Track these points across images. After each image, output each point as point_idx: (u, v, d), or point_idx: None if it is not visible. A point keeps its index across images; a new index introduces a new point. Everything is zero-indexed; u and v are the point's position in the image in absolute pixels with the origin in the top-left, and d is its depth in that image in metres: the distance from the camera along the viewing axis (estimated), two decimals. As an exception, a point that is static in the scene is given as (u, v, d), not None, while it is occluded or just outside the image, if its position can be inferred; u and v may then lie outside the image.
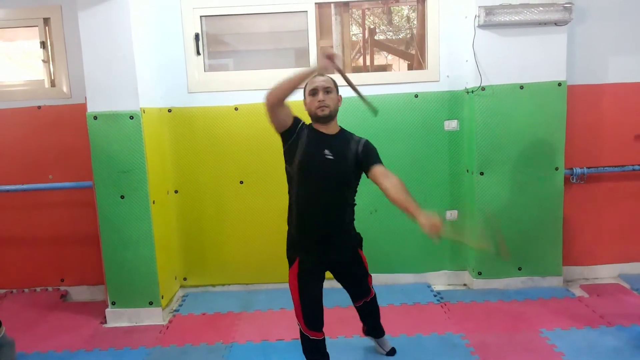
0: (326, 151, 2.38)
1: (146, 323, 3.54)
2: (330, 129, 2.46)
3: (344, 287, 2.72)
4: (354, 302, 2.79)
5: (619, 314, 3.36)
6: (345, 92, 2.60)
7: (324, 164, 2.38)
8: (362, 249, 2.68)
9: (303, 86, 2.46)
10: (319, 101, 2.38)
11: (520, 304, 3.59)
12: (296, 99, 3.67)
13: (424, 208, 3.96)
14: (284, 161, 2.51)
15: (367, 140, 2.51)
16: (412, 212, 2.15)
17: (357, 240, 2.66)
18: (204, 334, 3.35)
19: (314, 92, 2.41)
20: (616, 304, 3.55)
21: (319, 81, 2.42)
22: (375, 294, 2.81)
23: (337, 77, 2.53)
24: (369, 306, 2.80)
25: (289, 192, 2.52)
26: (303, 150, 2.38)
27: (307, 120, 2.54)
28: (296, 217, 2.46)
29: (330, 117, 2.43)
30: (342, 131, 2.53)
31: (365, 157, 2.43)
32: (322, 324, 2.50)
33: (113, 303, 3.56)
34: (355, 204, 2.60)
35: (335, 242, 2.52)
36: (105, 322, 3.58)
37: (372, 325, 2.87)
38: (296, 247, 2.50)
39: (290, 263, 2.50)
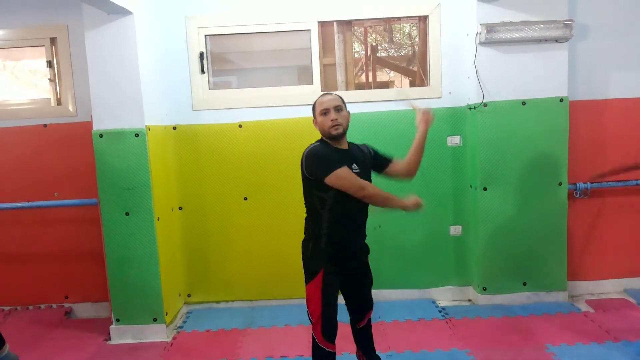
0: (354, 165, 2.47)
1: (150, 340, 3.53)
2: (344, 144, 2.55)
3: (353, 301, 2.72)
4: (359, 322, 2.75)
5: (625, 329, 3.34)
6: (358, 107, 2.62)
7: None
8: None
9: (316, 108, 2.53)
10: (332, 120, 2.44)
11: (526, 319, 3.57)
12: (302, 116, 3.76)
13: (427, 223, 3.99)
14: (288, 177, 2.57)
15: (366, 144, 2.72)
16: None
17: (368, 248, 2.73)
18: (208, 351, 3.34)
19: (325, 112, 2.46)
20: (622, 319, 3.54)
21: (329, 100, 2.48)
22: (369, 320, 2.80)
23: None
24: (369, 328, 2.78)
25: (312, 213, 2.54)
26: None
27: (316, 136, 2.57)
28: (327, 234, 2.49)
29: (344, 134, 2.51)
30: (351, 143, 2.62)
31: (378, 157, 2.68)
32: (336, 337, 2.52)
33: (117, 320, 3.56)
34: None
35: (360, 251, 2.66)
36: (110, 339, 3.57)
37: (369, 351, 2.84)
38: (322, 258, 2.51)
39: (314, 275, 2.50)
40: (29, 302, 4.11)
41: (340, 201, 2.43)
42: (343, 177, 2.36)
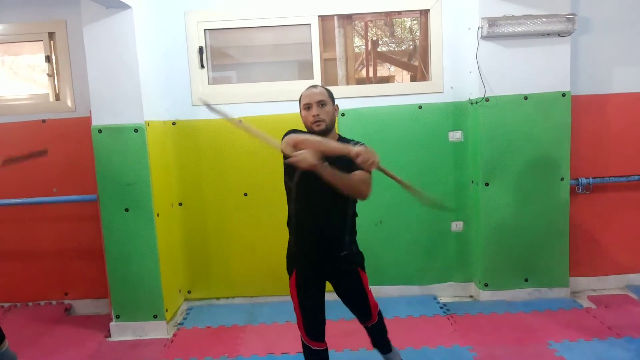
0: (325, 163, 2.26)
1: (150, 337, 3.52)
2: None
3: (346, 305, 2.64)
4: (360, 322, 2.71)
5: (627, 325, 3.33)
6: (345, 103, 2.59)
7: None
8: (364, 269, 2.58)
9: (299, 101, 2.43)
10: (314, 116, 2.32)
11: (528, 315, 3.56)
12: (293, 111, 3.72)
13: (429, 219, 3.97)
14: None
15: (362, 144, 2.28)
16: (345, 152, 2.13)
17: (358, 258, 2.55)
18: (208, 348, 3.33)
19: (308, 107, 2.35)
20: (624, 315, 3.52)
21: (312, 94, 2.36)
22: (378, 320, 2.68)
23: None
24: (371, 331, 2.69)
25: (288, 205, 2.47)
26: None
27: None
28: (295, 229, 2.44)
29: (327, 131, 2.35)
30: (340, 140, 2.44)
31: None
32: (323, 335, 2.46)
33: (117, 316, 3.54)
34: (357, 215, 2.52)
35: (334, 254, 2.45)
36: (110, 336, 3.56)
37: (380, 342, 2.81)
38: (294, 259, 2.47)
39: (289, 274, 2.48)
40: (29, 298, 4.09)
41: (304, 188, 2.31)
42: (286, 138, 2.20)
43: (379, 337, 2.74)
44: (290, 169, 2.33)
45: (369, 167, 2.13)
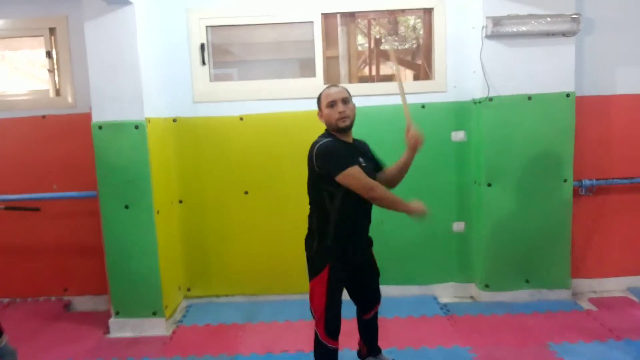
0: (360, 159, 2.46)
1: (149, 334, 3.51)
2: (350, 138, 2.53)
3: (359, 294, 2.75)
4: (365, 314, 2.77)
5: (627, 328, 3.32)
6: (361, 101, 2.58)
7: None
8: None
9: (323, 101, 2.50)
10: (340, 112, 2.42)
11: (528, 317, 3.55)
12: (304, 109, 3.71)
13: (430, 219, 3.96)
14: (288, 171, 2.57)
15: (366, 143, 2.71)
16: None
17: (371, 240, 2.74)
18: (207, 345, 3.33)
19: (332, 104, 2.44)
20: (625, 317, 3.51)
21: (336, 92, 2.46)
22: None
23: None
24: (375, 320, 2.80)
25: (318, 209, 2.50)
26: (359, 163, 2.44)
27: (317, 129, 2.54)
28: (335, 227, 2.47)
29: (351, 127, 2.49)
30: (354, 138, 2.61)
31: (377, 158, 2.68)
32: (339, 333, 2.51)
33: (117, 313, 3.54)
34: None
35: (366, 245, 2.68)
36: (109, 333, 3.56)
37: (371, 342, 2.84)
38: (328, 254, 2.49)
39: (319, 271, 2.47)
40: (28, 294, 4.09)
41: (349, 196, 2.40)
42: (354, 176, 2.33)
43: (375, 330, 2.83)
44: (332, 178, 2.38)
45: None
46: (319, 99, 2.52)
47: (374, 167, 2.59)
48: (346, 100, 2.45)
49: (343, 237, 2.49)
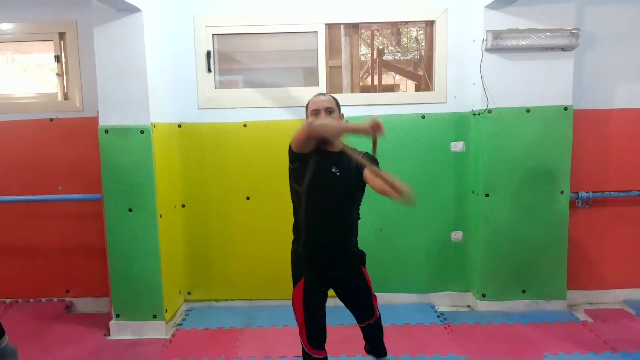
0: (334, 168, 2.41)
1: (149, 336, 3.54)
2: (335, 147, 2.47)
3: (348, 307, 2.71)
4: (358, 322, 2.77)
5: (623, 340, 3.34)
6: (350, 111, 2.63)
7: (332, 181, 2.40)
8: (365, 266, 2.67)
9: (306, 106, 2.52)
10: None
11: (524, 327, 3.58)
12: (297, 117, 3.77)
13: (429, 228, 4.00)
14: (289, 180, 2.54)
15: (367, 153, 2.48)
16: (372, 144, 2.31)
17: (361, 257, 2.65)
18: (206, 349, 3.35)
19: (316, 113, 2.43)
20: (621, 329, 3.53)
21: (321, 100, 2.45)
22: (379, 316, 2.78)
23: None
24: (373, 328, 2.76)
25: (294, 211, 2.54)
26: (313, 169, 2.40)
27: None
28: (304, 234, 2.48)
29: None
30: (349, 148, 2.49)
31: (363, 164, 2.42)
32: (324, 342, 2.50)
33: (117, 315, 3.57)
34: (359, 218, 2.59)
35: (341, 258, 2.53)
36: (109, 335, 3.59)
37: (375, 346, 2.86)
38: (302, 264, 2.51)
39: (296, 281, 2.51)
40: (31, 295, 4.13)
41: (314, 193, 2.38)
42: (296, 131, 2.28)
43: (377, 337, 2.80)
44: (298, 173, 2.41)
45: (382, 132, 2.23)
46: (306, 106, 2.52)
47: (353, 177, 2.41)
48: (330, 110, 2.42)
49: (314, 248, 2.47)
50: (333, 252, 2.50)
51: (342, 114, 2.54)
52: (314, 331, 2.45)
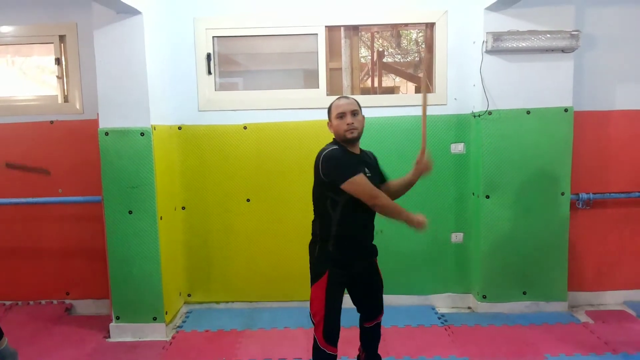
0: (366, 169, 2.52)
1: (149, 338, 3.54)
2: (357, 149, 2.59)
3: (360, 305, 2.77)
4: (367, 322, 2.79)
5: (624, 341, 3.34)
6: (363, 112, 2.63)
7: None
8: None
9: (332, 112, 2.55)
10: (348, 124, 2.47)
11: (525, 328, 3.57)
12: (307, 119, 3.78)
13: (429, 230, 4.00)
14: (290, 180, 2.64)
15: (372, 153, 2.76)
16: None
17: (375, 249, 2.77)
18: (206, 351, 3.35)
19: (341, 116, 2.48)
20: (622, 331, 3.53)
21: (345, 104, 2.50)
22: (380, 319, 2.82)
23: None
24: (377, 328, 2.80)
25: (322, 215, 2.56)
26: (365, 173, 2.49)
27: (320, 138, 2.62)
28: (336, 233, 2.52)
29: (359, 138, 2.54)
30: (361, 149, 2.65)
31: (382, 171, 2.72)
32: (337, 340, 2.52)
33: (117, 318, 3.57)
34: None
35: (367, 252, 2.69)
36: (109, 337, 3.58)
37: (372, 353, 2.86)
38: (328, 260, 2.53)
39: (319, 276, 2.52)
40: (30, 297, 4.12)
41: (352, 204, 2.45)
42: (359, 183, 2.40)
43: (377, 339, 2.83)
44: (336, 186, 2.45)
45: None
46: (329, 110, 2.57)
47: (379, 178, 2.64)
48: (355, 113, 2.49)
49: (344, 244, 2.53)
50: (364, 249, 2.67)
51: (364, 117, 2.58)
52: (331, 325, 2.49)
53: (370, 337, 2.83)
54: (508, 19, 3.60)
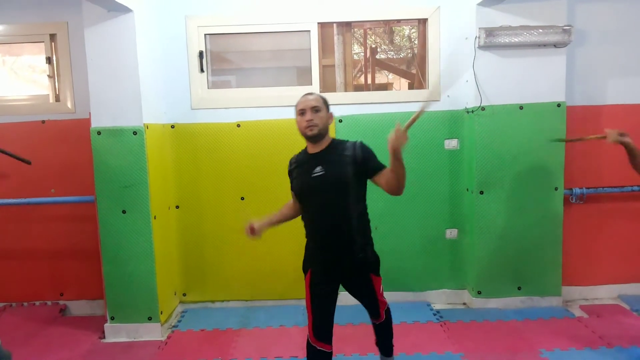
0: (317, 168, 2.45)
1: (145, 338, 3.53)
2: (321, 146, 2.50)
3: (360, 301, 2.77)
4: (371, 318, 2.80)
5: (618, 335, 3.35)
6: (343, 110, 2.63)
7: (313, 183, 2.45)
8: (378, 274, 2.65)
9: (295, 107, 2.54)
10: (307, 120, 2.42)
11: (520, 323, 3.59)
12: (291, 117, 3.76)
13: (424, 226, 4.01)
14: (285, 177, 2.77)
15: (361, 143, 2.50)
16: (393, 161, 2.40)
17: (372, 261, 2.61)
18: (202, 351, 3.34)
19: (302, 112, 2.45)
20: (616, 325, 3.55)
21: (307, 100, 2.47)
22: (386, 319, 2.76)
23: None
24: (379, 329, 2.80)
25: (302, 215, 2.65)
26: (296, 179, 2.58)
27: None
28: (310, 234, 2.60)
29: (320, 136, 2.46)
30: (333, 142, 2.54)
31: (367, 164, 2.46)
32: (329, 336, 2.50)
33: (112, 318, 3.56)
34: (365, 214, 2.60)
35: (345, 259, 2.50)
36: (104, 337, 3.57)
37: (382, 343, 2.87)
38: (310, 258, 2.58)
39: (304, 274, 2.57)
40: (24, 298, 4.10)
41: (304, 198, 2.56)
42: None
43: (384, 337, 2.82)
44: (293, 183, 2.59)
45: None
46: (295, 107, 2.52)
47: (366, 172, 2.45)
48: (317, 109, 2.43)
49: (314, 240, 2.57)
50: (335, 250, 2.49)
51: (331, 113, 2.54)
52: (318, 324, 2.48)
53: (377, 333, 2.82)
54: (500, 15, 3.60)
